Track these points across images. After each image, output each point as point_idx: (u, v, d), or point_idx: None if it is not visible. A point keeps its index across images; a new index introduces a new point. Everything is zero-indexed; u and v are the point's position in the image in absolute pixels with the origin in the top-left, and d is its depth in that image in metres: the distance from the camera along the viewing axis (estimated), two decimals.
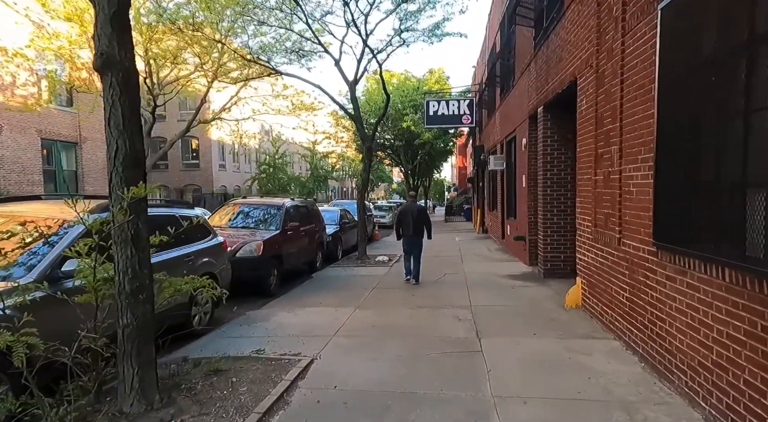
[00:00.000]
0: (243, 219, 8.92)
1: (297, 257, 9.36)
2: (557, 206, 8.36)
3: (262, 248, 7.73)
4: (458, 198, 44.60)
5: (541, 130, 8.44)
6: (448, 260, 11.69)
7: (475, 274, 9.35)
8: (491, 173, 17.48)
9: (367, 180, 11.95)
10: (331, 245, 12.32)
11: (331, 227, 13.01)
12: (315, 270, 10.48)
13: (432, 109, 20.00)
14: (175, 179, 33.93)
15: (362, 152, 33.71)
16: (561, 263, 8.39)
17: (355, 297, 7.51)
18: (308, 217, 10.35)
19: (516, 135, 11.42)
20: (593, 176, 5.43)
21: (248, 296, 7.84)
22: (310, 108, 24.75)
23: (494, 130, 16.00)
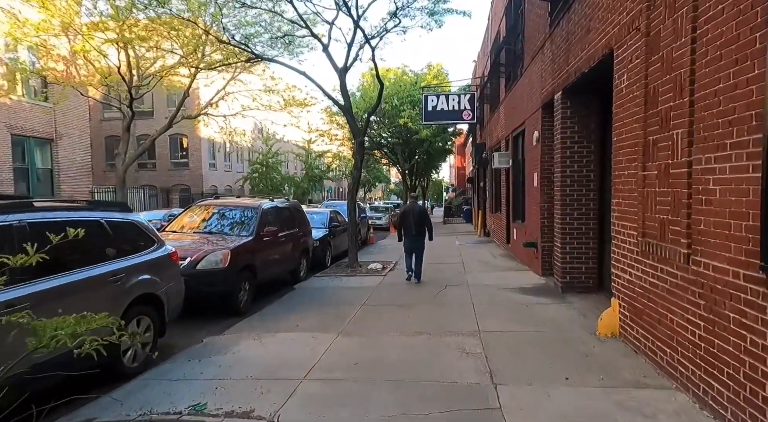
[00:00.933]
0: (211, 223, 7.65)
1: (275, 266, 8.11)
2: (578, 208, 7.13)
3: (229, 258, 6.48)
4: (457, 199, 43.41)
5: (559, 120, 7.22)
6: (449, 268, 10.45)
7: (480, 286, 8.11)
8: (494, 172, 16.26)
9: (359, 178, 10.73)
10: (319, 251, 11.07)
11: (320, 230, 11.77)
12: (298, 280, 9.23)
13: (430, 104, 18.78)
14: (162, 178, 32.63)
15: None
16: (582, 276, 7.16)
17: (339, 317, 6.26)
18: (290, 220, 9.10)
19: (525, 129, 10.20)
20: (641, 170, 4.20)
21: (214, 316, 6.59)
22: (302, 104, 23.51)
23: (498, 125, 14.79)
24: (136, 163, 33.60)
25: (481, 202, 21.08)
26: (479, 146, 19.59)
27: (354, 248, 10.70)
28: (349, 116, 10.43)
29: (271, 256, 7.83)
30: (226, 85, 20.88)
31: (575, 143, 7.11)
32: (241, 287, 6.80)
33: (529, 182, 9.70)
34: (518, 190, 11.71)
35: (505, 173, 13.53)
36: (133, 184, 31.74)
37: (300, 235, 9.32)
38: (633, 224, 4.43)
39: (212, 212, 7.88)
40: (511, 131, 12.10)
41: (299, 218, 9.64)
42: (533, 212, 9.33)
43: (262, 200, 8.52)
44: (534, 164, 9.12)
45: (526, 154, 9.99)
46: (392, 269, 10.58)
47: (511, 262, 11.12)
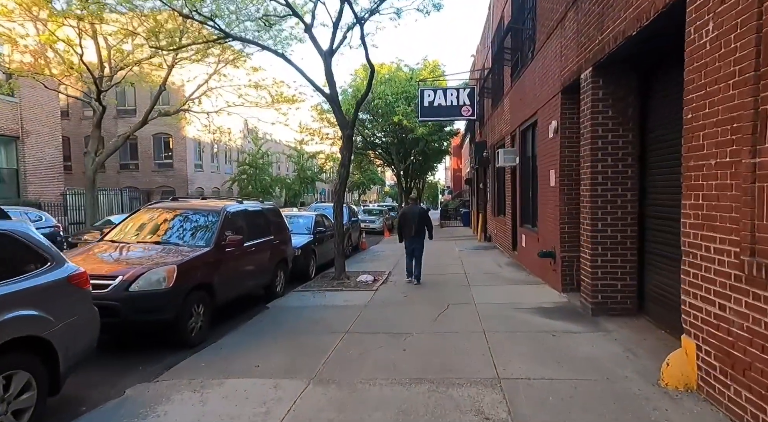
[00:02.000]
0: (160, 231, 6.22)
1: (242, 282, 6.70)
2: (612, 211, 5.78)
3: (174, 275, 5.07)
4: (453, 201, 42.10)
5: (588, 103, 5.87)
6: (450, 280, 9.06)
7: (490, 305, 6.73)
8: (497, 172, 14.93)
9: (347, 177, 9.35)
10: (301, 261, 9.66)
11: (303, 237, 10.37)
12: (274, 297, 7.82)
13: (427, 99, 17.46)
14: (146, 180, 31.11)
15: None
16: (618, 295, 5.80)
17: (315, 352, 4.87)
18: (264, 225, 7.69)
19: (537, 119, 8.86)
20: (745, 157, 2.85)
21: (157, 347, 5.18)
22: (290, 100, 22.21)
23: (501, 120, 13.46)
24: (118, 164, 32.14)
25: (481, 204, 19.76)
26: (479, 144, 18.26)
27: (341, 258, 9.31)
28: (334, 106, 9.05)
29: (236, 270, 6.42)
30: (208, 79, 19.52)
31: (609, 131, 5.76)
32: (193, 311, 5.38)
33: (543, 181, 8.36)
34: (528, 190, 10.36)
35: (510, 172, 12.20)
36: (115, 185, 30.24)
37: (276, 243, 7.91)
38: (728, 235, 3.07)
39: (164, 217, 6.45)
40: (519, 124, 10.77)
41: (276, 223, 8.23)
42: (549, 215, 7.98)
43: (227, 202, 7.10)
44: (550, 159, 7.78)
45: (539, 149, 8.65)
46: (385, 281, 9.18)
47: (520, 273, 9.75)
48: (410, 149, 25.71)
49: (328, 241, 11.54)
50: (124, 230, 6.24)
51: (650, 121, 5.58)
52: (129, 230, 6.21)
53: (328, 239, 11.55)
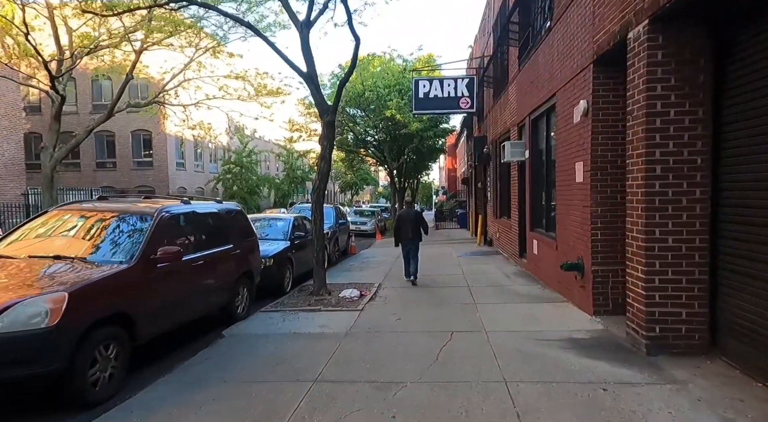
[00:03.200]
0: (65, 242, 4.63)
1: (182, 308, 5.12)
2: (675, 215, 4.29)
3: (64, 307, 3.51)
4: (448, 202, 40.66)
5: (642, 69, 4.37)
6: (451, 296, 7.55)
7: (506, 336, 5.22)
8: (501, 169, 13.46)
9: (327, 172, 7.81)
10: (274, 272, 8.12)
11: (278, 243, 8.83)
12: (235, 319, 6.28)
13: (422, 90, 15.99)
14: (124, 179, 29.37)
15: (341, 149, 29.48)
16: (684, 327, 4.30)
17: (264, 419, 3.34)
18: (221, 231, 6.14)
19: (556, 103, 7.38)
20: None
21: (43, 408, 3.63)
22: (274, 93, 20.68)
23: (506, 110, 11.99)
24: (94, 162, 30.33)
25: (480, 205, 18.30)
26: (479, 139, 16.78)
27: (321, 269, 7.76)
28: (312, 87, 7.51)
29: (173, 292, 4.86)
30: (183, 68, 17.90)
31: (671, 105, 4.27)
32: (98, 355, 3.82)
33: (565, 176, 6.87)
34: (541, 189, 8.89)
35: (517, 169, 10.72)
36: (92, 185, 28.45)
37: (238, 253, 6.35)
38: None
39: (77, 223, 4.86)
40: (529, 112, 9.29)
41: (238, 227, 6.68)
42: (573, 218, 6.50)
43: (169, 201, 5.53)
44: (576, 149, 6.29)
45: (559, 138, 7.16)
46: (373, 297, 7.65)
47: (534, 286, 8.25)
48: (404, 146, 24.20)
49: (309, 247, 9.97)
50: (18, 239, 4.65)
51: (729, 92, 4.11)
52: (23, 240, 4.62)
53: (309, 245, 9.98)
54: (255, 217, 10.15)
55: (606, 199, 5.72)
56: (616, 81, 5.63)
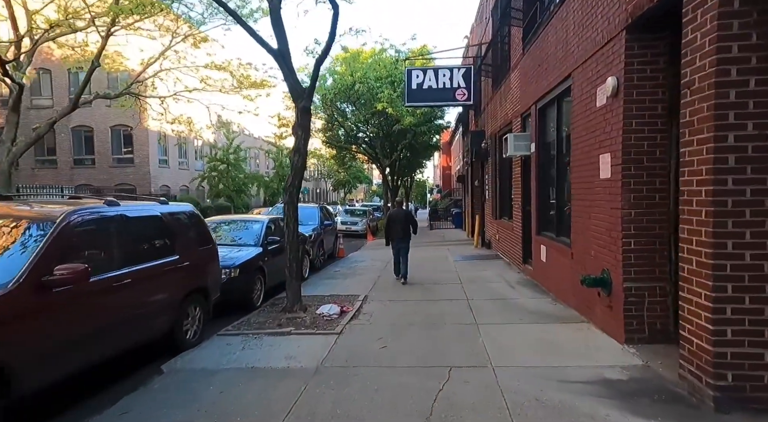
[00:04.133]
0: None
1: (91, 344, 3.90)
2: (756, 221, 3.16)
3: None
4: (443, 201, 39.55)
5: (711, 25, 3.23)
6: (448, 311, 6.39)
7: (519, 376, 4.07)
8: (501, 165, 12.35)
9: (302, 166, 6.62)
10: (241, 285, 6.93)
11: (247, 250, 7.63)
12: (183, 347, 5.09)
13: (415, 80, 14.80)
14: (102, 176, 28.01)
15: (332, 145, 28.18)
16: (766, 375, 3.19)
17: None
18: (163, 240, 4.95)
19: (572, 85, 6.23)
20: None
21: None
22: (259, 85, 19.45)
23: (507, 101, 10.86)
24: (71, 159, 28.87)
25: (478, 204, 17.18)
26: (476, 134, 15.66)
27: (295, 281, 6.58)
28: (284, 66, 6.32)
29: (79, 325, 3.66)
30: (158, 56, 16.61)
31: (752, 72, 3.13)
32: None
33: (584, 171, 5.74)
34: (550, 187, 7.76)
35: (521, 164, 9.60)
36: (69, 183, 27.03)
37: (186, 266, 5.16)
38: None
39: None
40: (536, 99, 8.15)
41: (190, 234, 5.48)
42: (597, 223, 5.37)
43: (89, 202, 4.31)
44: (602, 139, 5.15)
45: (577, 126, 6.02)
46: (356, 314, 6.49)
47: (543, 299, 7.12)
48: (397, 142, 23.00)
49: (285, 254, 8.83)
50: None
51: None
52: None
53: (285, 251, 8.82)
54: (222, 219, 8.96)
55: (641, 199, 4.59)
56: (655, 51, 4.50)
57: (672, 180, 4.51)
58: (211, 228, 8.37)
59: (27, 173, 27.86)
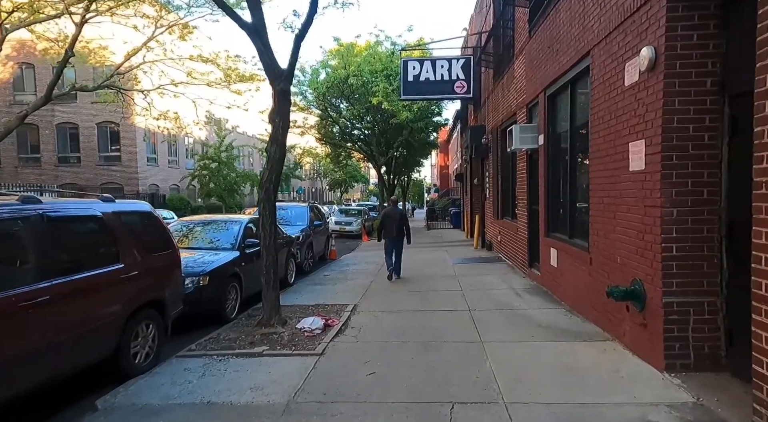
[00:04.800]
0: None
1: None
2: None
3: None
4: (441, 200, 38.72)
5: None
6: (447, 328, 5.53)
7: (539, 416, 3.24)
8: (503, 161, 11.52)
9: (281, 159, 5.74)
10: (211, 295, 6.06)
11: (221, 254, 6.76)
12: (131, 373, 4.22)
13: (411, 72, 13.97)
14: (89, 175, 27.05)
15: (325, 143, 27.25)
16: None
17: None
18: (104, 247, 4.08)
19: (590, 65, 5.39)
20: None
21: None
22: (248, 79, 18.60)
23: (510, 91, 10.02)
24: (56, 157, 27.84)
25: (477, 203, 16.35)
26: (476, 129, 14.82)
27: (271, 291, 5.72)
28: (259, 43, 5.45)
29: None
30: (140, 47, 15.71)
31: None
32: None
33: (607, 163, 4.91)
34: (562, 182, 6.93)
35: (526, 159, 8.77)
36: (54, 182, 26.08)
37: (134, 276, 4.28)
38: None
39: None
40: (545, 86, 7.32)
41: (142, 237, 4.61)
42: (625, 223, 4.53)
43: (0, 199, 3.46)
44: (633, 123, 4.30)
45: (599, 111, 5.17)
46: (342, 328, 5.63)
47: (555, 309, 6.28)
48: (393, 139, 22.14)
49: None
50: None
51: None
52: None
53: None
54: (197, 220, 8.08)
55: (685, 195, 3.76)
56: (704, 13, 3.66)
57: (724, 171, 3.67)
58: (182, 230, 7.54)
59: (10, 171, 26.89)
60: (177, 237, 7.20)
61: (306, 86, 20.06)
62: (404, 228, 9.13)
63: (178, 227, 7.57)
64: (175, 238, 7.09)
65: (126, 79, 17.87)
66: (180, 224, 7.81)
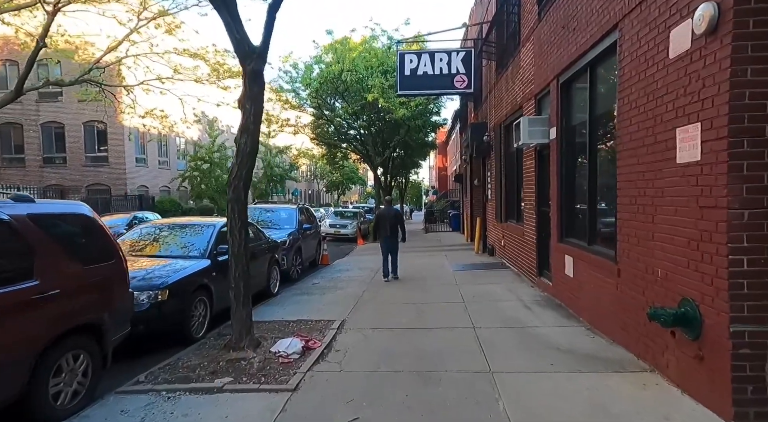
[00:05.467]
0: None
1: None
2: None
3: None
4: (440, 202, 37.86)
5: None
6: (448, 352, 4.62)
7: None
8: (507, 159, 10.67)
9: (252, 152, 4.84)
10: (172, 311, 5.16)
11: (187, 263, 5.86)
12: (50, 418, 3.33)
13: (408, 65, 13.15)
14: (75, 176, 26.09)
15: (320, 142, 26.30)
16: None
17: None
18: (9, 259, 3.18)
19: (619, 40, 4.52)
20: None
21: None
22: (237, 74, 17.74)
23: (516, 82, 9.18)
24: (40, 157, 26.85)
25: (478, 205, 15.50)
26: (476, 126, 13.96)
27: (242, 308, 4.83)
28: (226, 14, 4.58)
29: None
30: (124, 38, 14.90)
31: None
32: None
33: (647, 155, 4.04)
34: (579, 179, 6.08)
35: (534, 156, 7.91)
36: (38, 183, 25.09)
37: (55, 295, 3.40)
38: None
39: None
40: (557, 73, 6.47)
41: (66, 247, 3.72)
42: (667, 228, 3.66)
43: None
44: (684, 103, 3.43)
45: (633, 91, 4.30)
46: (324, 353, 4.74)
47: (573, 327, 5.40)
48: (389, 138, 21.26)
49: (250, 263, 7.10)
50: None
51: None
52: None
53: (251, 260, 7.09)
54: (164, 223, 7.16)
55: (760, 192, 2.89)
56: None
57: None
58: (148, 235, 6.65)
59: None
60: (141, 243, 6.33)
61: (299, 83, 19.19)
62: (399, 227, 9.23)
63: (144, 232, 6.67)
64: (140, 244, 6.22)
65: (108, 75, 17.02)
66: (146, 228, 6.90)
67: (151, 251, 6.03)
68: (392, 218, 9.19)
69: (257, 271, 7.60)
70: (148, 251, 6.05)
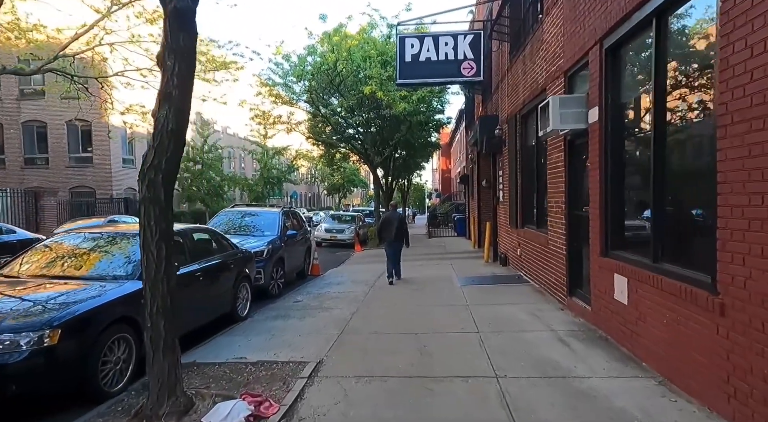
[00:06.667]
0: None
1: None
2: None
3: None
4: (443, 205, 36.26)
5: None
6: (459, 415, 3.11)
7: None
8: (524, 154, 9.12)
9: (180, 131, 3.33)
10: (64, 361, 3.61)
11: (110, 286, 4.32)
12: None
13: (409, 51, 11.68)
14: (58, 178, 24.64)
15: (316, 142, 24.67)
16: None
17: None
18: None
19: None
20: None
21: None
22: (223, 66, 16.40)
23: (537, 62, 7.63)
24: (22, 158, 25.42)
25: (486, 209, 13.95)
26: (486, 120, 12.40)
27: (164, 356, 3.30)
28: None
29: None
30: (94, 23, 13.51)
31: None
32: None
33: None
34: (633, 177, 4.52)
35: (564, 147, 6.36)
36: (19, 185, 23.65)
37: None
38: None
39: None
40: (600, 36, 4.93)
41: None
42: None
43: None
44: None
45: (758, 45, 2.76)
46: (284, 421, 3.19)
47: (639, 380, 3.82)
48: (390, 136, 19.72)
49: (210, 285, 5.61)
50: None
51: None
52: None
53: (210, 280, 5.60)
54: (93, 233, 5.56)
55: None
56: None
57: None
58: (60, 247, 5.11)
59: None
60: (52, 257, 4.79)
61: (291, 76, 17.71)
62: (403, 232, 9.39)
63: (57, 242, 5.12)
64: (50, 259, 4.70)
65: (82, 66, 15.60)
66: (70, 236, 5.34)
67: (56, 272, 4.49)
68: (396, 223, 9.32)
69: (218, 292, 6.10)
70: (53, 270, 4.51)
